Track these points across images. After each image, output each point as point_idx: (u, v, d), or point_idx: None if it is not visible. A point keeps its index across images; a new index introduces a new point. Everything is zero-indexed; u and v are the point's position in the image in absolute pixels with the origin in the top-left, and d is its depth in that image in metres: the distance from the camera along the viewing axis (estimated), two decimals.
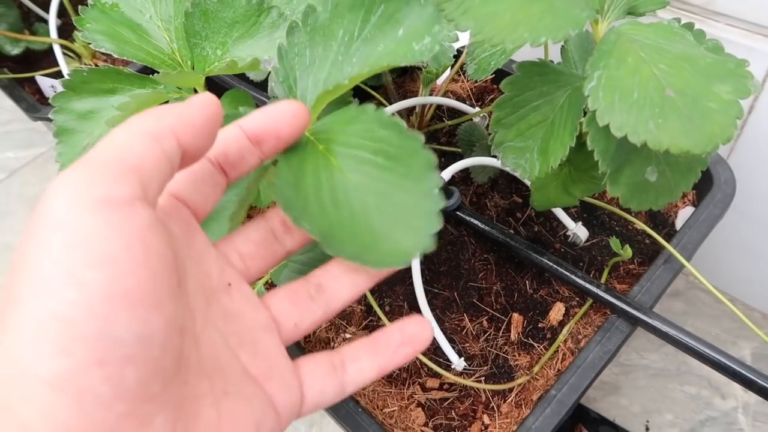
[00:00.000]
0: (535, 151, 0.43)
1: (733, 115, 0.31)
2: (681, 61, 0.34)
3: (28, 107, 0.81)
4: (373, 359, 0.31)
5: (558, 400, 0.50)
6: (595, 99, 0.33)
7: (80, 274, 0.21)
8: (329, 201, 0.30)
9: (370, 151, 0.31)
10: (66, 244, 0.21)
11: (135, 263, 0.22)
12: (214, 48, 0.49)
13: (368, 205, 0.30)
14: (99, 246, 0.22)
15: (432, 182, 0.29)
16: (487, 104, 0.77)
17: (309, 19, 0.35)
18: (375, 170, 0.31)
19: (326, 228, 0.30)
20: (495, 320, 0.59)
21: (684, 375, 0.86)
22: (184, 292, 0.26)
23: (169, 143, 0.25)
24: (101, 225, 0.22)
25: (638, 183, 0.39)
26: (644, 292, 0.55)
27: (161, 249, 0.24)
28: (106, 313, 0.21)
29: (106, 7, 0.53)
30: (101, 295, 0.21)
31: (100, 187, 0.22)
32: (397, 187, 0.30)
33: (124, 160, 0.23)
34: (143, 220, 0.23)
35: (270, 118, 0.30)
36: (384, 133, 0.31)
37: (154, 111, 0.26)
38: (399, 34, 0.33)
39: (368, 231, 0.29)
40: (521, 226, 0.65)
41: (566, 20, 0.32)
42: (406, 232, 0.29)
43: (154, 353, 0.23)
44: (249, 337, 0.29)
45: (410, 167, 0.30)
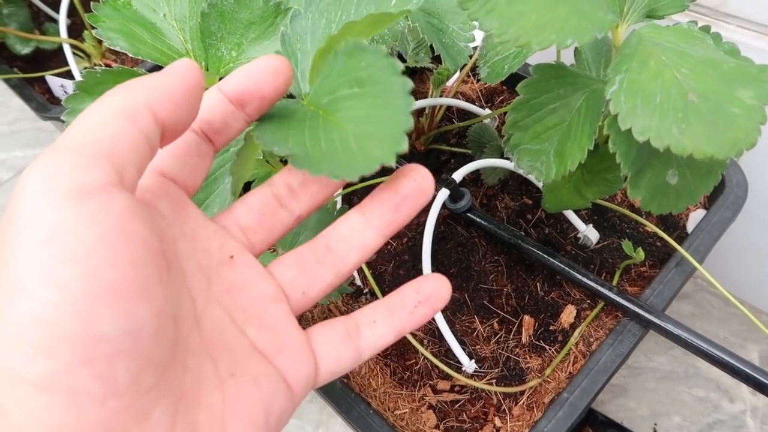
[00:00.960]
0: (552, 153, 0.42)
1: (758, 120, 0.31)
2: (703, 65, 0.34)
3: (38, 107, 0.81)
4: (390, 322, 0.30)
5: (570, 403, 0.49)
6: (617, 103, 0.32)
7: (56, 272, 0.20)
8: (309, 137, 0.30)
9: (346, 86, 0.30)
10: (39, 241, 0.20)
11: (115, 254, 0.21)
12: (229, 49, 0.49)
13: (346, 133, 0.29)
14: (74, 240, 0.20)
15: (399, 87, 0.28)
16: (497, 106, 0.77)
17: (311, 5, 0.35)
18: (352, 102, 0.30)
19: (300, 151, 0.29)
20: (506, 322, 0.59)
21: (692, 378, 0.86)
22: (178, 275, 0.25)
23: (144, 121, 0.23)
24: (75, 217, 0.20)
25: (659, 186, 0.39)
26: (656, 295, 0.55)
27: (143, 235, 0.22)
28: (88, 311, 0.20)
29: (119, 4, 0.53)
30: (81, 292, 0.20)
31: (71, 176, 0.21)
32: (371, 107, 0.29)
33: (95, 144, 0.22)
34: (120, 206, 0.22)
35: (250, 78, 0.28)
36: (354, 61, 0.30)
37: (126, 85, 0.24)
38: (392, 4, 0.34)
39: (346, 152, 0.29)
40: (532, 228, 0.65)
41: (592, 23, 0.32)
42: (381, 142, 0.28)
43: (144, 345, 0.21)
44: (256, 310, 0.28)
45: (377, 81, 0.29)
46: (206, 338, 0.26)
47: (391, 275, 0.63)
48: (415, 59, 0.72)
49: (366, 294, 0.63)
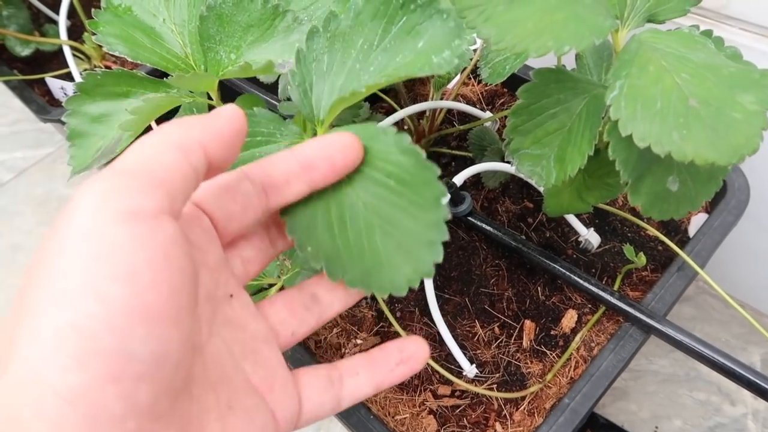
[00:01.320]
0: (552, 158, 0.42)
1: (759, 125, 0.30)
2: (703, 70, 0.33)
3: (38, 109, 0.81)
4: (370, 376, 0.32)
5: (571, 408, 0.49)
6: (617, 108, 0.32)
7: (102, 287, 0.21)
8: (336, 223, 0.31)
9: (383, 173, 0.31)
10: (89, 255, 0.21)
11: (157, 278, 0.22)
12: (228, 52, 0.48)
13: (373, 225, 0.30)
14: (122, 259, 0.21)
15: (440, 214, 0.30)
16: (497, 108, 0.77)
17: (330, 25, 0.34)
18: (385, 192, 0.31)
19: (330, 250, 0.30)
20: (507, 327, 0.59)
21: (693, 381, 0.86)
22: (197, 304, 0.26)
23: (196, 156, 0.25)
24: (126, 237, 0.21)
25: (659, 192, 0.39)
26: (658, 299, 0.55)
27: (183, 264, 0.23)
28: (125, 328, 0.21)
29: (119, 10, 0.53)
30: (122, 310, 0.21)
31: (127, 199, 0.22)
32: (404, 213, 0.30)
33: (152, 171, 0.23)
34: (168, 234, 0.23)
35: (324, 145, 0.30)
36: (401, 158, 0.31)
37: (182, 122, 0.26)
38: (419, 45, 0.33)
39: (371, 253, 0.30)
40: (533, 232, 0.65)
41: (590, 29, 0.32)
42: (408, 259, 0.30)
43: (167, 371, 0.22)
44: (250, 346, 0.29)
45: (421, 195, 0.30)
46: (209, 367, 0.27)
47: None
48: None
49: (366, 298, 0.63)
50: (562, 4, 0.33)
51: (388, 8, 0.34)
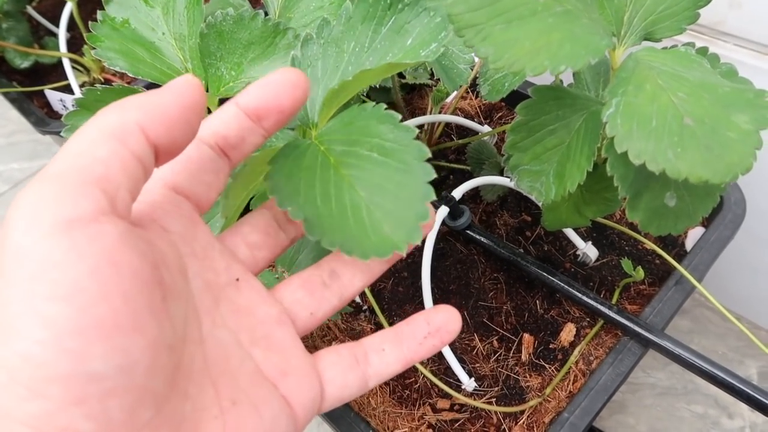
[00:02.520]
0: (551, 174, 0.43)
1: (752, 145, 0.31)
2: (699, 89, 0.34)
3: (36, 121, 0.81)
4: (399, 351, 0.30)
5: (571, 422, 0.49)
6: (614, 126, 0.33)
7: (44, 310, 0.19)
8: (320, 192, 0.30)
9: (366, 147, 0.31)
10: (26, 278, 0.19)
11: (105, 289, 0.20)
12: (228, 68, 0.49)
13: (359, 201, 0.30)
14: (62, 275, 0.19)
15: (423, 174, 0.29)
16: (495, 122, 0.77)
17: (323, 31, 0.35)
18: (369, 164, 0.31)
19: (313, 215, 0.29)
20: (505, 340, 0.59)
21: (691, 394, 0.86)
22: (181, 298, 0.25)
23: (136, 142, 0.22)
24: (62, 250, 0.20)
25: (657, 208, 0.39)
26: (656, 313, 0.55)
27: (135, 266, 0.21)
28: (78, 349, 0.19)
29: (117, 23, 0.53)
30: (70, 330, 0.19)
31: (58, 206, 0.20)
32: (389, 181, 0.30)
33: (84, 169, 0.21)
34: (111, 237, 0.21)
35: (269, 91, 0.27)
36: (381, 127, 0.31)
37: (119, 104, 0.23)
38: (408, 43, 0.34)
39: (357, 222, 0.29)
40: (531, 245, 0.65)
41: (586, 48, 0.32)
42: (395, 223, 0.29)
43: (139, 380, 0.21)
44: (261, 332, 0.28)
45: (403, 161, 0.30)
46: (210, 362, 0.25)
47: (391, 292, 0.63)
48: (413, 75, 0.72)
49: (365, 311, 0.63)
50: (559, 23, 0.33)
51: (377, 10, 0.35)
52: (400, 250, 0.28)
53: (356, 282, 0.31)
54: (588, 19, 0.35)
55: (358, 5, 0.35)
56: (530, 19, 0.33)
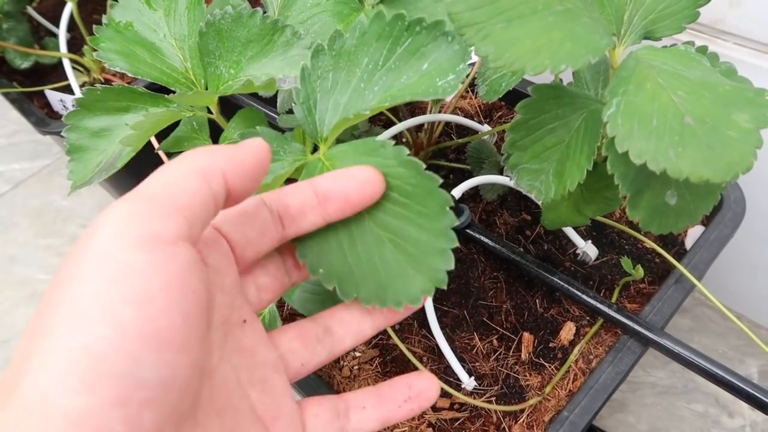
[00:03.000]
0: (551, 173, 0.43)
1: (753, 144, 0.31)
2: (699, 88, 0.34)
3: (37, 121, 0.81)
4: (378, 411, 0.32)
5: (570, 421, 0.49)
6: (614, 125, 0.33)
7: (117, 310, 0.21)
8: (347, 243, 0.31)
9: (387, 187, 0.31)
10: (107, 279, 0.21)
11: (171, 304, 0.22)
12: (227, 67, 0.49)
13: (383, 239, 0.31)
14: (137, 283, 0.21)
15: (447, 221, 0.30)
16: (495, 121, 0.77)
17: (335, 43, 0.35)
18: (391, 206, 0.31)
19: (342, 270, 0.31)
20: (505, 339, 0.59)
21: (691, 393, 0.86)
22: (209, 329, 0.26)
23: (217, 183, 0.25)
24: (143, 262, 0.22)
25: (658, 206, 0.39)
26: (656, 312, 0.55)
27: (198, 291, 0.24)
28: (135, 353, 0.21)
29: (120, 26, 0.53)
30: (133, 334, 0.21)
31: (146, 224, 0.22)
32: (412, 224, 0.31)
33: (173, 197, 0.24)
34: (185, 260, 0.23)
35: (342, 180, 0.30)
36: (402, 170, 0.31)
37: (208, 150, 0.26)
38: (423, 67, 0.33)
39: (384, 267, 0.30)
40: (531, 244, 0.65)
41: (586, 47, 0.32)
42: (420, 269, 0.30)
43: (174, 396, 0.22)
44: (259, 374, 0.29)
45: (426, 206, 0.31)
46: (215, 393, 0.27)
47: None
48: None
49: None
50: (559, 22, 0.33)
51: (393, 29, 0.34)
52: (429, 294, 0.30)
53: (347, 341, 0.33)
54: (588, 17, 0.35)
55: (374, 22, 0.34)
56: (531, 17, 0.33)
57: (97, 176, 0.48)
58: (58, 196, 1.24)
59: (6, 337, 1.03)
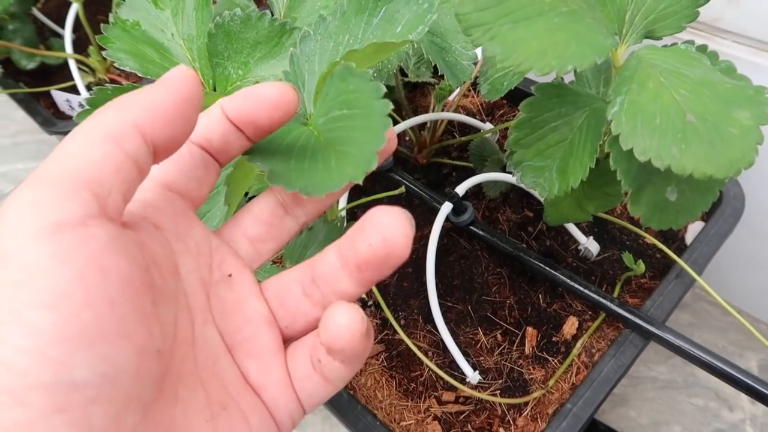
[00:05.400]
0: (554, 170, 0.43)
1: (754, 140, 0.32)
2: (700, 86, 0.35)
3: (43, 121, 0.82)
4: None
5: (574, 414, 0.50)
6: (619, 124, 0.33)
7: (29, 317, 0.19)
8: (296, 154, 0.30)
9: (337, 108, 0.32)
10: (11, 283, 0.19)
11: (91, 295, 0.20)
12: (236, 68, 0.50)
13: (330, 152, 0.30)
14: (47, 282, 0.19)
15: (381, 109, 0.30)
16: (497, 119, 0.78)
17: (320, 28, 0.36)
18: (340, 123, 0.32)
19: (283, 169, 0.29)
20: (509, 334, 0.60)
21: (692, 387, 0.87)
22: (173, 298, 0.24)
23: (132, 143, 0.22)
24: (49, 256, 0.19)
25: (659, 202, 0.40)
26: (657, 306, 0.56)
27: (124, 271, 0.21)
28: (61, 357, 0.19)
29: (128, 25, 0.54)
30: (54, 338, 0.19)
31: (47, 210, 0.20)
32: (354, 129, 0.31)
33: (76, 172, 0.21)
34: (99, 241, 0.20)
35: (248, 105, 0.26)
36: (345, 85, 0.32)
37: (115, 103, 0.22)
38: (398, 31, 0.35)
39: (325, 170, 0.29)
40: (533, 240, 0.66)
41: (592, 48, 0.33)
42: (355, 160, 0.29)
43: (124, 387, 0.20)
44: (247, 332, 0.27)
45: (364, 105, 0.30)
46: (200, 364, 0.25)
47: (396, 287, 0.64)
48: (416, 74, 0.73)
49: (370, 306, 0.64)
50: (564, 23, 0.34)
51: (368, 1, 0.36)
52: (358, 179, 0.28)
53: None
54: (592, 18, 0.36)
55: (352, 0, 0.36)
56: (537, 19, 0.34)
57: None
58: None
59: None
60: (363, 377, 0.58)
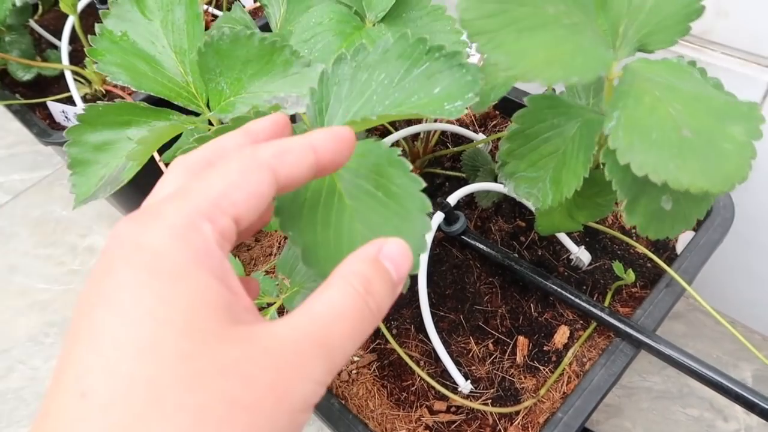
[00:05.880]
0: (548, 181, 0.44)
1: (748, 155, 0.32)
2: (694, 101, 0.35)
3: (39, 132, 0.82)
4: None
5: (564, 423, 0.50)
6: (616, 138, 0.34)
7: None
8: (321, 219, 0.32)
9: (373, 184, 0.33)
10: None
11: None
12: (228, 83, 0.50)
13: (356, 231, 0.32)
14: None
15: (421, 226, 0.31)
16: (490, 130, 0.79)
17: (359, 55, 0.37)
18: (372, 202, 0.32)
19: (311, 242, 0.31)
20: (501, 343, 0.60)
21: (686, 397, 0.87)
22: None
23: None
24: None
25: (654, 212, 0.40)
26: (647, 315, 0.56)
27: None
28: None
29: (116, 36, 0.54)
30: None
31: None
32: (387, 222, 0.32)
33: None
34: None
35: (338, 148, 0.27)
36: (390, 170, 0.33)
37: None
38: (435, 91, 0.35)
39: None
40: (525, 250, 0.66)
41: (596, 61, 0.34)
42: None
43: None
44: None
45: (405, 207, 0.32)
46: None
47: None
48: None
49: None
50: (568, 35, 0.35)
51: (414, 51, 0.36)
52: None
53: None
54: (592, 32, 0.37)
55: (398, 42, 0.36)
56: (540, 30, 0.34)
57: (101, 191, 0.49)
58: (58, 207, 1.25)
59: (6, 346, 1.03)
60: (354, 387, 0.59)
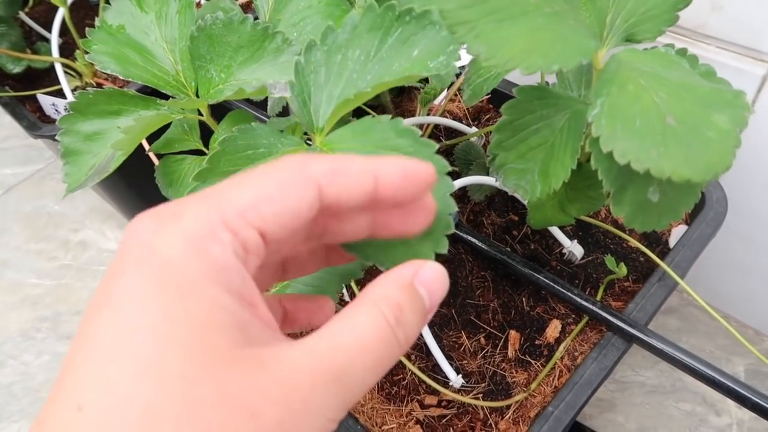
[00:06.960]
0: (536, 172, 0.43)
1: (732, 144, 0.32)
2: (679, 89, 0.35)
3: (29, 125, 0.82)
4: None
5: (555, 417, 0.50)
6: (599, 126, 0.33)
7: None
8: None
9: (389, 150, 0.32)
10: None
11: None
12: (218, 71, 0.49)
13: None
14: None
15: (445, 187, 0.31)
16: (483, 123, 0.78)
17: (327, 38, 0.36)
18: None
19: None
20: (492, 337, 0.60)
21: (679, 392, 0.87)
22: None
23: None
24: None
25: (641, 203, 0.40)
26: (639, 309, 0.56)
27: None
28: None
29: (113, 29, 0.54)
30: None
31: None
32: None
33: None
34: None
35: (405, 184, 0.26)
36: (399, 141, 0.32)
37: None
38: (414, 54, 0.34)
39: (402, 243, 0.31)
40: (518, 244, 0.66)
41: (576, 49, 0.33)
42: (421, 238, 0.30)
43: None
44: None
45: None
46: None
47: None
48: None
49: None
50: (548, 24, 0.34)
51: (384, 20, 0.35)
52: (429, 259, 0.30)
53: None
54: (574, 20, 0.36)
55: (366, 15, 0.35)
56: (520, 18, 0.34)
57: (90, 179, 0.49)
58: (50, 201, 1.24)
59: None
60: None
